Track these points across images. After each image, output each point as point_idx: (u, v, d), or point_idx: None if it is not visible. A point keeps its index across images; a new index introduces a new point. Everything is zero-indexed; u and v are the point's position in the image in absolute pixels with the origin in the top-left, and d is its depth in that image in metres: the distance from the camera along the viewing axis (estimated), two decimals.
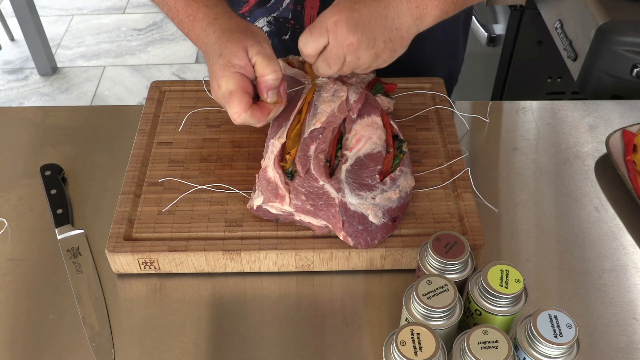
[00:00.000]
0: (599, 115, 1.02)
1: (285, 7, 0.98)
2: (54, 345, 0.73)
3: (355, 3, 0.73)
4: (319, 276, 0.80)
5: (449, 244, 0.70)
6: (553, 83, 1.61)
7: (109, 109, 1.07)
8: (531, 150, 0.96)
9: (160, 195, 0.84)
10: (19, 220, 0.86)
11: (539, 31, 1.51)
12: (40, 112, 1.03)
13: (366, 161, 0.81)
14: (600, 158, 0.95)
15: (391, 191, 0.79)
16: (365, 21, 0.73)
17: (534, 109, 1.03)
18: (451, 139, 0.91)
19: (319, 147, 0.80)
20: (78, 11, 3.15)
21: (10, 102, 2.64)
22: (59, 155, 0.95)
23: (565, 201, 0.89)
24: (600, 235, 0.85)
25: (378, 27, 0.73)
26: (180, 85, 1.00)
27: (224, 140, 0.92)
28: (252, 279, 0.80)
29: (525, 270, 0.80)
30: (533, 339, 0.62)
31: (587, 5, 1.22)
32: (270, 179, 0.79)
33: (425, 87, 1.00)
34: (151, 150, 0.91)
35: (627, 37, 1.16)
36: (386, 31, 0.74)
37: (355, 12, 0.72)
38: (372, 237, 0.76)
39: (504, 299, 0.66)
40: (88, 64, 2.83)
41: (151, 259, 0.77)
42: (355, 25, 0.72)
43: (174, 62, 2.83)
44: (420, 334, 0.61)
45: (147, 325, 0.75)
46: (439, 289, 0.65)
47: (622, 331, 0.74)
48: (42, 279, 0.80)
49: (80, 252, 0.82)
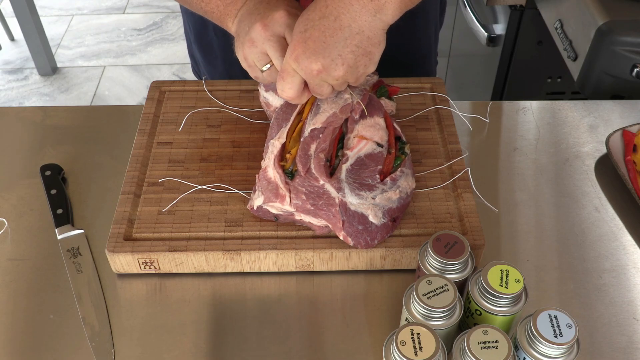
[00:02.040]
0: (599, 115, 1.02)
1: None
2: (54, 345, 0.73)
3: (306, 31, 0.71)
4: (319, 276, 0.80)
5: (449, 244, 0.70)
6: (553, 83, 1.61)
7: (109, 109, 1.07)
8: (531, 150, 0.96)
9: (160, 195, 0.84)
10: (19, 220, 0.86)
11: (539, 31, 1.51)
12: (40, 112, 1.03)
13: (367, 161, 0.81)
14: (600, 158, 0.95)
15: (391, 191, 0.79)
16: (320, 43, 0.71)
17: (534, 109, 1.03)
18: (451, 139, 0.91)
19: (320, 146, 0.80)
20: (78, 11, 3.15)
21: (10, 102, 2.64)
22: (59, 155, 0.95)
23: (565, 201, 0.89)
24: (600, 235, 0.85)
25: (337, 42, 0.71)
26: (180, 85, 1.00)
27: (224, 140, 0.92)
28: (252, 279, 0.80)
29: (525, 270, 0.80)
30: (533, 339, 0.62)
31: (587, 5, 1.22)
32: (270, 178, 0.79)
33: (425, 87, 1.00)
34: (151, 150, 0.91)
35: (627, 37, 1.16)
36: (348, 41, 0.71)
37: (308, 41, 0.71)
38: (372, 237, 0.76)
39: (504, 299, 0.66)
40: (88, 64, 2.83)
41: (151, 259, 0.77)
42: (312, 53, 0.71)
43: (174, 62, 2.83)
44: (420, 334, 0.61)
45: (147, 325, 0.75)
46: (439, 289, 0.65)
47: (622, 331, 0.74)
48: (42, 279, 0.80)
49: (80, 252, 0.82)
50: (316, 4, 0.72)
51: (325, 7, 0.71)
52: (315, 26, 0.71)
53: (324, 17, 0.71)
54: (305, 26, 0.72)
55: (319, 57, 0.71)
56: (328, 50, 0.71)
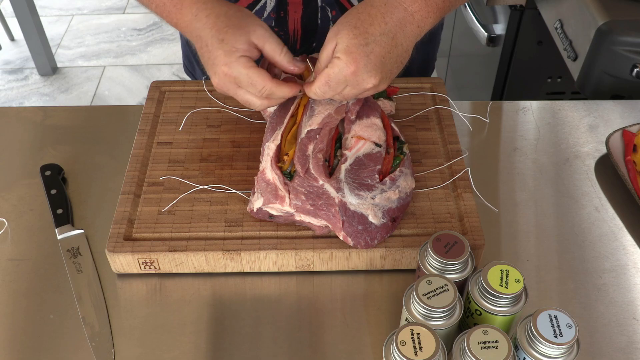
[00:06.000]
0: (599, 115, 1.02)
1: (267, 16, 0.97)
2: (54, 345, 0.73)
3: (367, 45, 0.72)
4: (319, 276, 0.80)
5: (449, 244, 0.70)
6: (553, 83, 1.61)
7: (109, 109, 1.07)
8: (531, 150, 0.96)
9: (160, 195, 0.84)
10: (19, 220, 0.86)
11: (539, 31, 1.51)
12: (40, 112, 1.03)
13: (365, 161, 0.81)
14: (600, 158, 0.95)
15: (391, 191, 0.79)
16: (381, 59, 0.73)
17: (534, 109, 1.03)
18: (451, 139, 0.91)
19: (317, 146, 0.80)
20: (78, 11, 3.15)
21: (10, 102, 2.64)
22: (59, 155, 0.95)
23: (565, 201, 0.89)
24: (600, 235, 0.85)
25: (391, 59, 0.74)
26: (180, 85, 1.00)
27: (224, 140, 0.92)
28: (252, 279, 0.80)
29: (525, 270, 0.80)
30: (533, 339, 0.62)
31: (587, 5, 1.22)
32: (269, 180, 0.79)
33: (425, 87, 1.00)
34: (151, 150, 0.91)
35: (627, 37, 1.16)
36: (398, 59, 0.75)
37: (371, 55, 0.72)
38: (372, 237, 0.76)
39: (504, 299, 0.66)
40: (88, 64, 2.83)
41: (151, 259, 0.77)
42: (373, 69, 0.73)
43: (174, 62, 2.83)
44: (420, 334, 0.61)
45: (147, 325, 0.75)
46: (439, 289, 0.65)
47: (622, 331, 0.74)
48: (42, 279, 0.80)
49: (80, 252, 0.82)
50: (373, 19, 0.73)
51: (385, 24, 0.73)
52: (377, 41, 0.73)
53: (384, 34, 0.73)
54: (366, 40, 0.72)
55: (377, 75, 0.73)
56: (385, 67, 0.74)
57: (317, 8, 0.96)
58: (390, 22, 0.74)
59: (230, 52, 0.74)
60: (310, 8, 0.96)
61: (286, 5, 0.96)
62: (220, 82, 0.76)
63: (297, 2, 0.96)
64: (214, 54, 0.75)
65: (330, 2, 0.96)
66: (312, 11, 0.97)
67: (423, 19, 0.76)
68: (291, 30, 0.99)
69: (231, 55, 0.74)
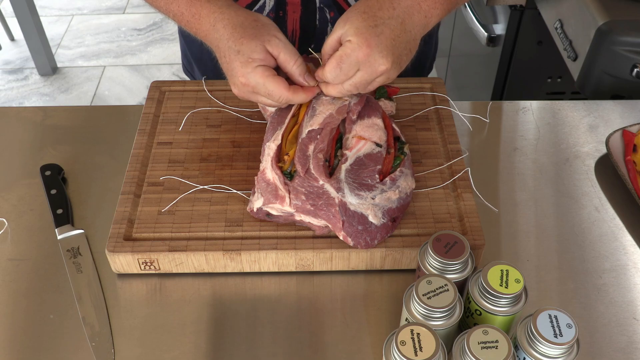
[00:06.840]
0: (599, 115, 1.02)
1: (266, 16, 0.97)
2: (54, 345, 0.73)
3: (377, 26, 0.73)
4: (319, 276, 0.80)
5: (449, 244, 0.70)
6: (553, 83, 1.61)
7: (109, 109, 1.07)
8: (531, 150, 0.96)
9: (160, 195, 0.84)
10: (19, 220, 0.86)
11: (539, 31, 1.51)
12: (40, 112, 1.03)
13: (366, 161, 0.81)
14: (600, 158, 0.95)
15: (391, 191, 0.79)
16: (391, 41, 0.73)
17: (534, 109, 1.03)
18: (451, 139, 0.91)
19: (318, 146, 0.80)
20: (78, 11, 3.15)
21: (10, 102, 2.64)
22: (59, 155, 0.95)
23: (565, 201, 0.89)
24: (600, 235, 0.85)
25: (401, 44, 0.75)
26: (180, 85, 1.00)
27: (224, 140, 0.92)
28: (252, 279, 0.80)
29: (525, 270, 0.80)
30: (533, 339, 0.62)
31: (587, 5, 1.22)
32: (269, 180, 0.79)
33: (425, 87, 1.00)
34: (151, 150, 0.91)
35: (627, 37, 1.16)
36: (408, 44, 0.76)
37: (381, 36, 0.73)
38: (372, 237, 0.76)
39: (504, 299, 0.66)
40: (88, 64, 2.83)
41: (151, 259, 0.77)
42: (385, 49, 0.73)
43: (174, 62, 2.83)
44: (420, 334, 0.61)
45: (147, 325, 0.75)
46: (439, 289, 0.65)
47: (622, 331, 0.74)
48: (42, 279, 0.80)
49: (80, 252, 0.82)
50: (381, 5, 0.74)
51: (393, 9, 0.74)
52: (386, 24, 0.73)
53: (392, 18, 0.74)
54: (375, 22, 0.73)
55: (389, 57, 0.73)
56: (396, 50, 0.74)
57: (316, 9, 0.96)
58: (398, 7, 0.75)
59: (246, 63, 0.75)
60: (309, 9, 0.97)
61: (285, 5, 0.96)
62: (239, 91, 0.79)
63: (295, 3, 0.96)
64: (232, 65, 0.77)
65: (328, 3, 0.96)
66: (310, 12, 0.97)
67: (430, 9, 0.77)
68: (290, 31, 0.99)
69: (248, 65, 0.75)
